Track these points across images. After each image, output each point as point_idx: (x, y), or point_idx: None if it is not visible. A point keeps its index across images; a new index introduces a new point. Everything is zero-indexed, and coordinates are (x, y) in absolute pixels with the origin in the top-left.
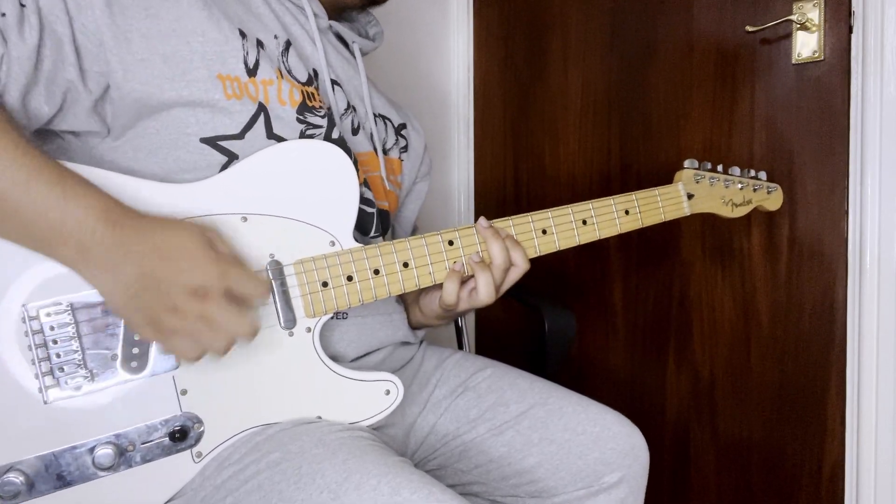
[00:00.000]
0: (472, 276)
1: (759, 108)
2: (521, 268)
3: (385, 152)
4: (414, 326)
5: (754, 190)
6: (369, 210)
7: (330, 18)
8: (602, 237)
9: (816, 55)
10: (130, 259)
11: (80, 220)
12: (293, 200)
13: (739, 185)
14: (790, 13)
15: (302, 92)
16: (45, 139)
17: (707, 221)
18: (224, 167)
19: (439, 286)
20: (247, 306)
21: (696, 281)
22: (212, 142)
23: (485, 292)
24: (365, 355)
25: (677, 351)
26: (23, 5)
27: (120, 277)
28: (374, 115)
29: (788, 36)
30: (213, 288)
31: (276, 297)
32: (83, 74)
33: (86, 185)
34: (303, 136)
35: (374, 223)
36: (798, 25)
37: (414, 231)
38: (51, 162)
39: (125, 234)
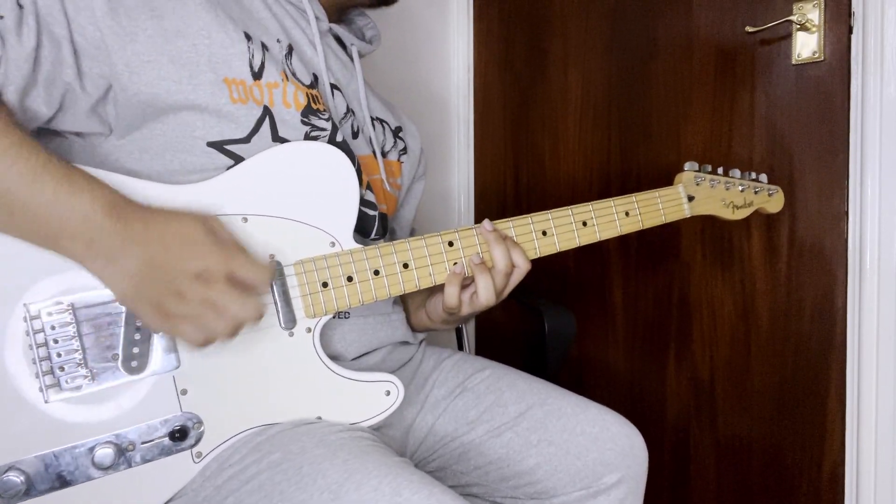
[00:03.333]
0: (473, 278)
1: (758, 108)
2: (521, 269)
3: (384, 155)
4: (418, 330)
5: (755, 192)
6: (371, 213)
7: (330, 21)
8: (602, 239)
9: (816, 56)
10: (134, 249)
11: (86, 215)
12: (294, 201)
13: (740, 188)
14: (790, 14)
15: (307, 95)
16: (48, 138)
17: (707, 222)
18: None
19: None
20: (251, 291)
21: (696, 281)
22: (219, 146)
23: (485, 296)
24: (364, 355)
25: (677, 351)
26: (21, 7)
27: (125, 268)
28: (372, 119)
29: (788, 36)
30: (216, 272)
31: (277, 297)
32: (81, 76)
33: (91, 180)
34: (307, 138)
35: (376, 226)
36: (798, 26)
37: (412, 232)
38: (55, 158)
39: (129, 226)
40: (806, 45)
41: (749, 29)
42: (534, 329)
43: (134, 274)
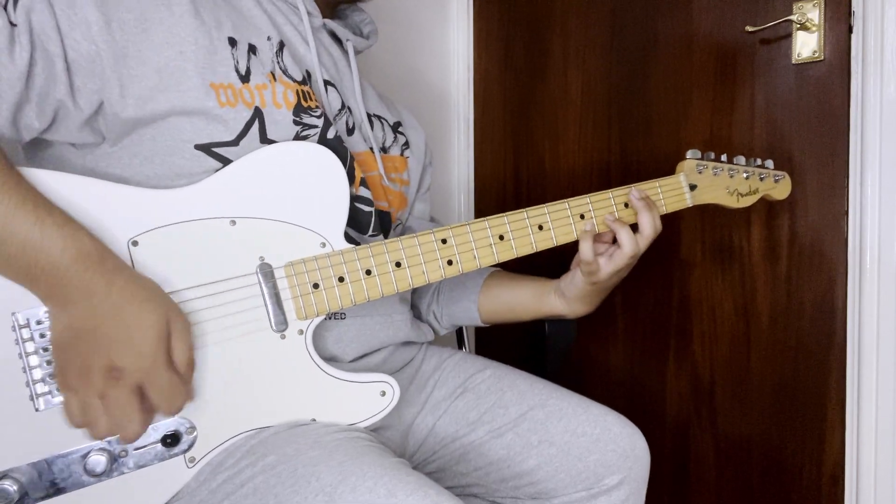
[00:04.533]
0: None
1: (758, 108)
2: (659, 230)
3: (385, 150)
4: (503, 319)
5: (761, 179)
6: (367, 209)
7: (324, 16)
8: (600, 231)
9: (816, 55)
10: (85, 307)
11: (54, 262)
12: (282, 203)
13: (745, 175)
14: (790, 13)
15: (297, 92)
16: (41, 146)
17: (707, 221)
18: None
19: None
20: (148, 412)
21: (695, 281)
22: (206, 149)
23: (628, 244)
24: (365, 356)
25: (677, 351)
26: (13, 25)
27: (68, 316)
28: (370, 116)
29: (788, 36)
30: (128, 377)
31: (267, 299)
32: (74, 93)
33: (64, 223)
34: (298, 137)
35: (372, 223)
36: (798, 25)
37: (433, 224)
38: (30, 198)
39: (94, 282)
40: (806, 45)
41: (749, 28)
42: (534, 329)
43: (70, 325)
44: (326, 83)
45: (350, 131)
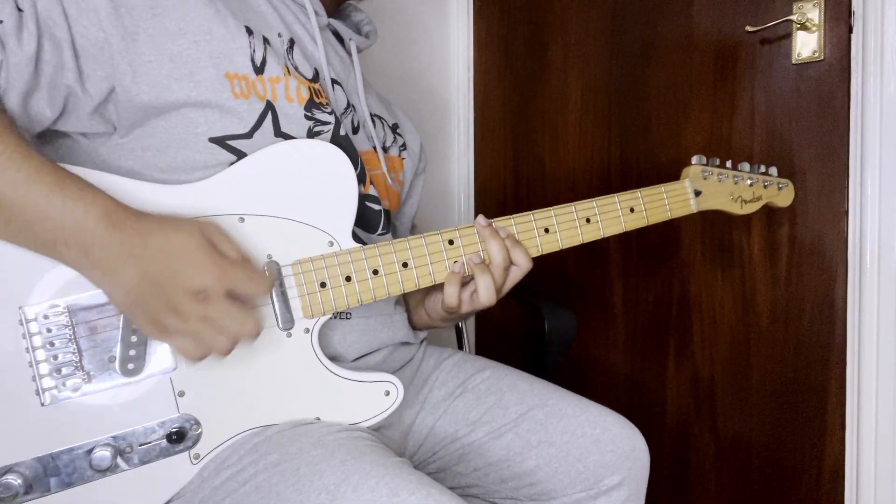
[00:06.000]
0: (473, 277)
1: (758, 108)
2: (522, 267)
3: (385, 150)
4: (419, 327)
5: (765, 186)
6: (376, 208)
7: (328, 15)
8: (606, 235)
9: (816, 55)
10: (131, 262)
11: (79, 222)
12: (291, 200)
13: (749, 182)
14: (790, 13)
15: (309, 88)
16: (51, 138)
17: (707, 221)
18: None
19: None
20: (250, 305)
21: (696, 281)
22: (221, 141)
23: (485, 294)
24: (365, 355)
25: (677, 351)
26: (21, 10)
27: (121, 280)
28: (371, 115)
29: (788, 36)
30: (213, 289)
31: (274, 297)
32: (82, 79)
33: (84, 187)
34: (310, 132)
35: (381, 221)
36: (798, 25)
37: (412, 229)
38: (49, 164)
39: (125, 236)
40: (806, 45)
41: (749, 28)
42: (534, 329)
43: (132, 287)
44: (334, 81)
45: (355, 130)
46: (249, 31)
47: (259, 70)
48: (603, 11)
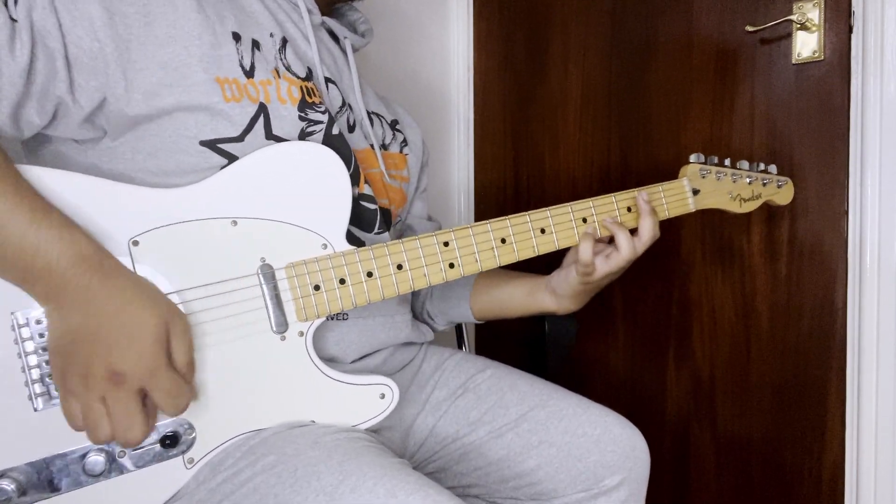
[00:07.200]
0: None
1: (758, 107)
2: (657, 236)
3: (385, 148)
4: (496, 314)
5: (764, 184)
6: (371, 207)
7: (322, 14)
8: (603, 236)
9: (816, 55)
10: (80, 311)
11: (51, 265)
12: (284, 203)
13: (748, 180)
14: (790, 13)
15: (301, 88)
16: (42, 141)
17: (707, 221)
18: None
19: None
20: (152, 416)
21: (696, 281)
22: (211, 144)
23: (626, 247)
24: (365, 357)
25: (677, 351)
26: (14, 21)
27: (64, 321)
28: (369, 113)
29: (788, 36)
30: (131, 379)
31: (268, 301)
32: (73, 89)
33: (61, 228)
34: (303, 133)
35: (378, 220)
36: (798, 25)
37: (430, 223)
38: (28, 200)
39: (91, 285)
40: (806, 45)
41: (749, 28)
42: (534, 329)
43: (68, 331)
44: (327, 80)
45: (351, 128)
46: (237, 38)
47: (249, 74)
48: (603, 11)
